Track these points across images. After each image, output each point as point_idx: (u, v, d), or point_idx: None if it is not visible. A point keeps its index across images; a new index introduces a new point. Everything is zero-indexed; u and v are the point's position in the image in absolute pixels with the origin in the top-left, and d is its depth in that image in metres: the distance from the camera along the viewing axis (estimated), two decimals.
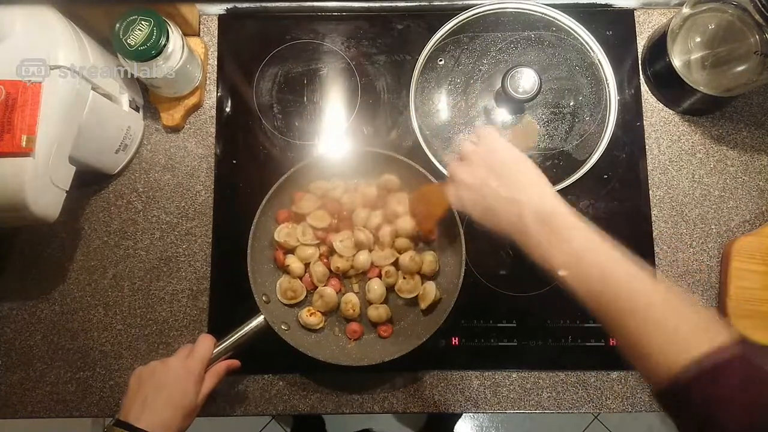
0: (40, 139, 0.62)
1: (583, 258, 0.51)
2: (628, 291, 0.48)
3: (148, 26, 0.70)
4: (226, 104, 0.85)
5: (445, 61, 0.84)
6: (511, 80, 0.75)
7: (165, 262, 0.81)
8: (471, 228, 0.79)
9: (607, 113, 0.81)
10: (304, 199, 0.77)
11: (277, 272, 0.78)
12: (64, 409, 0.78)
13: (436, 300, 0.75)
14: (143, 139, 0.84)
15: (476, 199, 0.59)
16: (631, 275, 0.48)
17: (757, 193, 0.82)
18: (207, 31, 0.86)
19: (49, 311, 0.80)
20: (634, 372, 0.78)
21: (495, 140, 0.60)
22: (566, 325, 0.79)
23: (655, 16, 0.86)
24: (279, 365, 0.78)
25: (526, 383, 0.78)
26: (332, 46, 0.86)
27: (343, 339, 0.77)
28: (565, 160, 0.81)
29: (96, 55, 0.70)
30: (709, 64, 0.78)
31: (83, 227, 0.82)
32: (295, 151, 0.83)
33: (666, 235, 0.81)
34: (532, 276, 0.80)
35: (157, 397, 0.61)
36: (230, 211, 0.82)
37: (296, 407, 0.78)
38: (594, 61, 0.83)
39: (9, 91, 0.61)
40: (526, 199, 0.55)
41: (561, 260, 0.52)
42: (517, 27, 0.84)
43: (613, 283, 0.48)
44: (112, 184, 0.83)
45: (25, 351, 0.79)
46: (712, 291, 0.80)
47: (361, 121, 0.84)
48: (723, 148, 0.83)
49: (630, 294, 0.47)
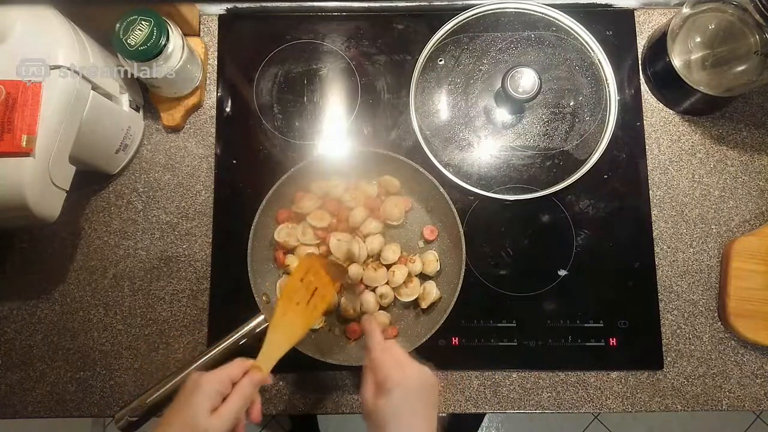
0: (40, 139, 0.62)
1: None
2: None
3: (148, 26, 0.70)
4: (226, 104, 0.85)
5: (445, 61, 0.84)
6: (511, 80, 0.75)
7: (165, 262, 0.81)
8: (471, 228, 0.79)
9: (607, 113, 0.81)
10: (304, 198, 0.77)
11: (277, 272, 0.78)
12: (64, 409, 0.78)
13: (436, 300, 0.76)
14: (143, 139, 0.84)
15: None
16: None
17: (757, 193, 0.82)
18: (207, 31, 0.86)
19: (49, 311, 0.80)
20: (634, 372, 0.78)
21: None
22: (566, 325, 0.79)
23: (655, 16, 0.86)
24: (279, 365, 0.78)
25: (526, 383, 0.78)
26: (332, 46, 0.86)
27: (343, 339, 0.77)
28: (565, 160, 0.81)
29: (96, 55, 0.70)
30: (709, 64, 0.78)
31: (83, 227, 0.82)
32: (295, 151, 0.83)
33: (666, 235, 0.81)
34: (532, 276, 0.81)
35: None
36: (230, 211, 0.82)
37: (296, 407, 0.78)
38: (594, 61, 0.83)
39: (9, 91, 0.61)
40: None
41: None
42: (517, 27, 0.84)
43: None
44: (112, 184, 0.83)
45: (25, 351, 0.79)
46: (712, 291, 0.80)
47: (361, 121, 0.84)
48: (723, 148, 0.83)
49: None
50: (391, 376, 0.57)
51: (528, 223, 0.82)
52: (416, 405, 0.57)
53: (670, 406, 0.77)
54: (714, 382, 0.78)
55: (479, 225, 0.81)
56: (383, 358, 0.60)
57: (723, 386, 0.78)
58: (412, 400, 0.57)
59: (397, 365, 0.59)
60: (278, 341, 0.63)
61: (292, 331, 0.65)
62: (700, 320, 0.79)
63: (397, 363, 0.59)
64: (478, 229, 0.81)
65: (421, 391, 0.58)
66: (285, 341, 0.64)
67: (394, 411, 0.56)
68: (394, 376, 0.57)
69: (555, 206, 0.82)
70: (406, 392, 0.57)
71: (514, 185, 0.81)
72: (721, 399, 0.78)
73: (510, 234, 0.82)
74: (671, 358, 0.78)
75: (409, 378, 0.58)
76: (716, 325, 0.79)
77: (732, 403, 0.77)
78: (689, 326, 0.79)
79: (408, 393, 0.57)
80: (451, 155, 0.82)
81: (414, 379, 0.58)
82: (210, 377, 0.56)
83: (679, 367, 0.78)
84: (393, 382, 0.57)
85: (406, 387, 0.57)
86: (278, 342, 0.63)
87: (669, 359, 0.78)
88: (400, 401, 0.56)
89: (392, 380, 0.57)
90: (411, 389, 0.57)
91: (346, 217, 0.77)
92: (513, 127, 0.83)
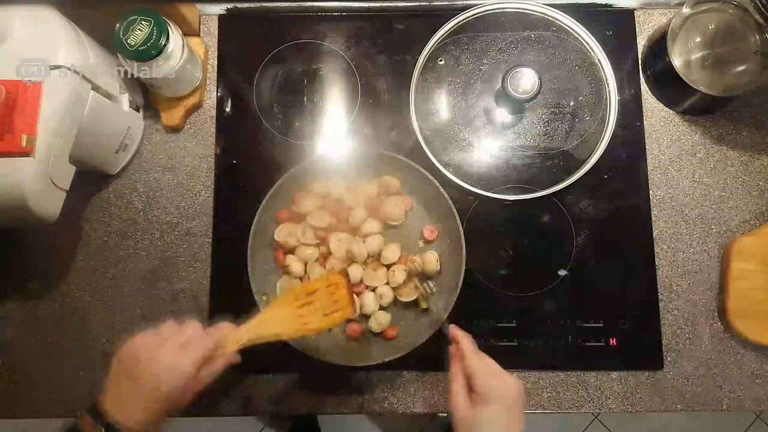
0: (40, 139, 0.62)
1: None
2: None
3: (148, 26, 0.70)
4: (226, 104, 0.85)
5: (445, 61, 0.84)
6: (511, 80, 0.75)
7: (165, 262, 0.81)
8: (471, 228, 0.79)
9: (607, 113, 0.81)
10: (304, 198, 0.77)
11: (277, 272, 0.78)
12: (64, 409, 0.78)
13: (436, 299, 0.76)
14: (143, 139, 0.84)
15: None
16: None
17: (757, 193, 0.82)
18: (207, 31, 0.86)
19: (49, 311, 0.80)
20: (634, 372, 0.78)
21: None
22: (566, 325, 0.79)
23: (655, 16, 0.86)
24: (279, 365, 0.78)
25: (526, 383, 0.78)
26: (332, 46, 0.86)
27: (343, 339, 0.77)
28: (565, 160, 0.81)
29: (96, 55, 0.70)
30: (709, 64, 0.78)
31: (83, 227, 0.82)
32: (295, 151, 0.83)
33: (666, 235, 0.81)
34: (532, 276, 0.81)
35: (135, 393, 0.55)
36: (230, 211, 0.82)
37: (296, 407, 0.78)
38: (594, 61, 0.83)
39: (9, 91, 0.61)
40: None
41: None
42: (517, 27, 0.84)
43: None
44: (112, 184, 0.83)
45: (25, 351, 0.79)
46: (712, 291, 0.80)
47: (361, 121, 0.84)
48: (723, 148, 0.83)
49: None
50: (495, 387, 0.58)
51: (528, 223, 0.82)
52: (512, 416, 0.57)
53: (670, 406, 0.77)
54: (714, 382, 0.78)
55: (479, 225, 0.81)
56: (481, 366, 0.60)
57: (723, 386, 0.78)
58: (513, 411, 0.57)
59: (497, 375, 0.59)
60: (264, 326, 0.64)
61: (281, 327, 0.65)
62: (700, 320, 0.79)
63: (497, 373, 0.60)
64: (478, 229, 0.81)
65: (518, 403, 0.58)
66: (269, 331, 0.64)
67: (493, 421, 0.57)
68: (498, 386, 0.58)
69: (555, 206, 0.82)
70: (507, 404, 0.57)
71: (514, 185, 0.81)
72: (721, 399, 0.77)
73: (510, 234, 0.82)
74: (671, 358, 0.78)
75: (511, 388, 0.58)
76: (716, 325, 0.79)
77: (732, 403, 0.77)
78: (689, 326, 0.79)
79: (509, 404, 0.57)
80: (451, 155, 0.82)
81: (514, 389, 0.59)
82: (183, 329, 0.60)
83: (679, 367, 0.78)
84: (497, 393, 0.57)
85: (508, 398, 0.58)
86: (263, 327, 0.64)
87: (669, 359, 0.78)
88: (502, 412, 0.57)
89: (496, 391, 0.58)
90: (512, 400, 0.58)
91: (346, 217, 0.77)
92: (513, 127, 0.83)
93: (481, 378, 0.59)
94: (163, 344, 0.57)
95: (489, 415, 0.57)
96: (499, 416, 0.57)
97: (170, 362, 0.55)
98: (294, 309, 0.66)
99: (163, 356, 0.56)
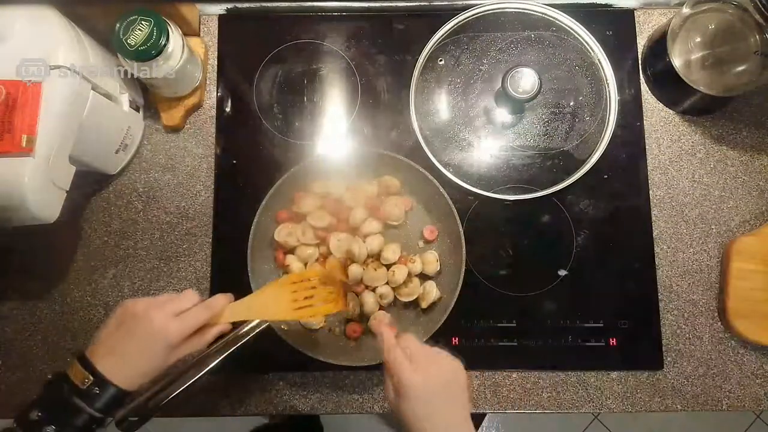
0: (40, 139, 0.62)
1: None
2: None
3: (148, 26, 0.70)
4: (226, 104, 0.85)
5: (445, 61, 0.84)
6: (511, 80, 0.75)
7: (165, 262, 0.81)
8: (471, 228, 0.79)
9: (607, 113, 0.81)
10: (304, 198, 0.77)
11: (277, 272, 0.78)
12: None
13: (436, 300, 0.76)
14: (143, 139, 0.84)
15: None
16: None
17: (757, 193, 0.82)
18: (207, 31, 0.86)
19: (49, 311, 0.80)
20: (634, 372, 0.78)
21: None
22: (566, 325, 0.79)
23: (655, 16, 0.86)
24: (279, 365, 0.78)
25: (526, 383, 0.78)
26: (332, 46, 0.86)
27: (343, 339, 0.77)
28: (565, 160, 0.81)
29: (96, 55, 0.70)
30: (709, 64, 0.78)
31: (83, 227, 0.82)
32: (295, 151, 0.83)
33: (666, 235, 0.81)
34: (532, 276, 0.81)
35: (126, 349, 0.57)
36: (230, 211, 0.82)
37: (296, 407, 0.78)
38: (594, 61, 0.83)
39: (9, 91, 0.61)
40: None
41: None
42: (517, 27, 0.84)
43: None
44: (112, 184, 0.83)
45: (25, 351, 0.79)
46: (712, 291, 0.80)
47: (361, 121, 0.84)
48: (723, 148, 0.83)
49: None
50: (405, 380, 0.56)
51: (528, 223, 0.82)
52: (438, 403, 0.56)
53: (670, 406, 0.77)
54: (714, 382, 0.78)
55: (479, 225, 0.81)
56: (393, 360, 0.58)
57: (723, 386, 0.78)
58: (435, 400, 0.56)
59: (411, 367, 0.57)
60: (258, 303, 0.66)
61: (274, 306, 0.67)
62: (700, 320, 0.79)
63: (413, 364, 0.57)
64: (478, 229, 0.81)
65: (442, 389, 0.56)
66: (262, 309, 0.66)
67: (416, 414, 0.55)
68: (410, 379, 0.56)
69: (555, 206, 0.82)
70: (426, 394, 0.55)
71: (514, 185, 0.81)
72: (721, 399, 0.78)
73: (510, 234, 0.82)
74: (671, 358, 0.78)
75: (431, 377, 0.56)
76: (716, 325, 0.79)
77: (732, 403, 0.77)
78: (689, 326, 0.79)
79: (428, 394, 0.55)
80: (451, 155, 0.82)
81: (432, 377, 0.56)
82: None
83: (679, 367, 0.78)
84: (408, 387, 0.55)
85: (425, 388, 0.55)
86: (257, 304, 0.66)
87: (669, 359, 0.78)
88: (421, 404, 0.55)
89: (406, 384, 0.56)
90: (431, 389, 0.56)
91: (346, 217, 0.77)
92: (513, 127, 0.83)
93: (394, 373, 0.57)
94: (161, 307, 0.58)
95: (409, 408, 0.55)
96: (420, 409, 0.55)
97: (160, 326, 0.57)
98: (288, 293, 0.67)
99: (157, 319, 0.57)
